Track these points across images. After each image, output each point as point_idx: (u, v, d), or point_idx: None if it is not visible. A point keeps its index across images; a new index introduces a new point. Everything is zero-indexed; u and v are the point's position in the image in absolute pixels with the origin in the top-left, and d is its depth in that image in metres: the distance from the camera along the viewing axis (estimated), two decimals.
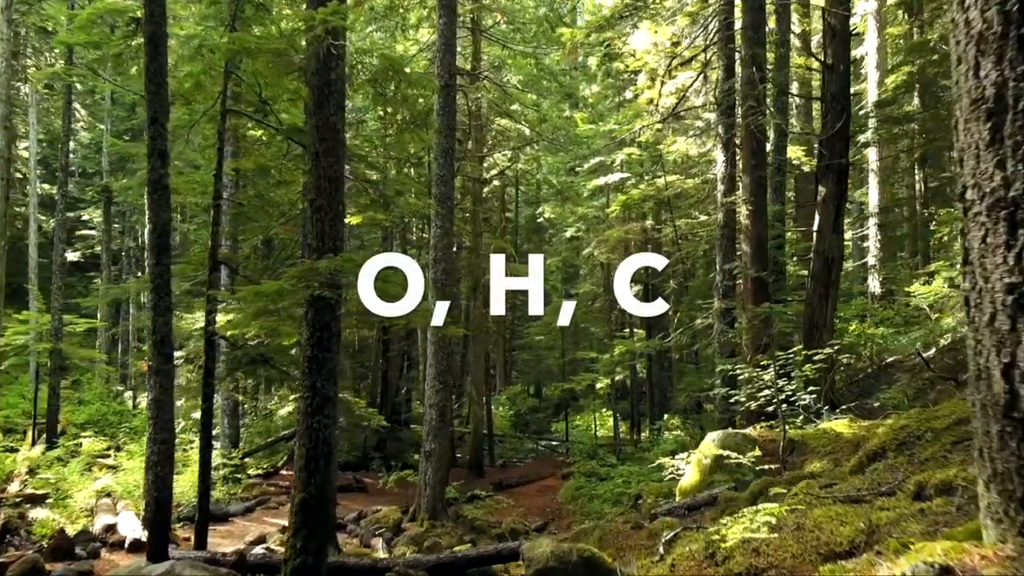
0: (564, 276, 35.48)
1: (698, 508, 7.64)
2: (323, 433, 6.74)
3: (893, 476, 4.67)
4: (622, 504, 15.63)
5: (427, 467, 14.06)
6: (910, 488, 3.64)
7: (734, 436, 8.43)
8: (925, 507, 3.25)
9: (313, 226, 6.89)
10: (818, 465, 7.35)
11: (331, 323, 6.84)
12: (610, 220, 24.15)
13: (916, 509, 3.26)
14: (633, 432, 26.90)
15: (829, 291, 12.01)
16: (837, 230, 12.12)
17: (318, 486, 6.64)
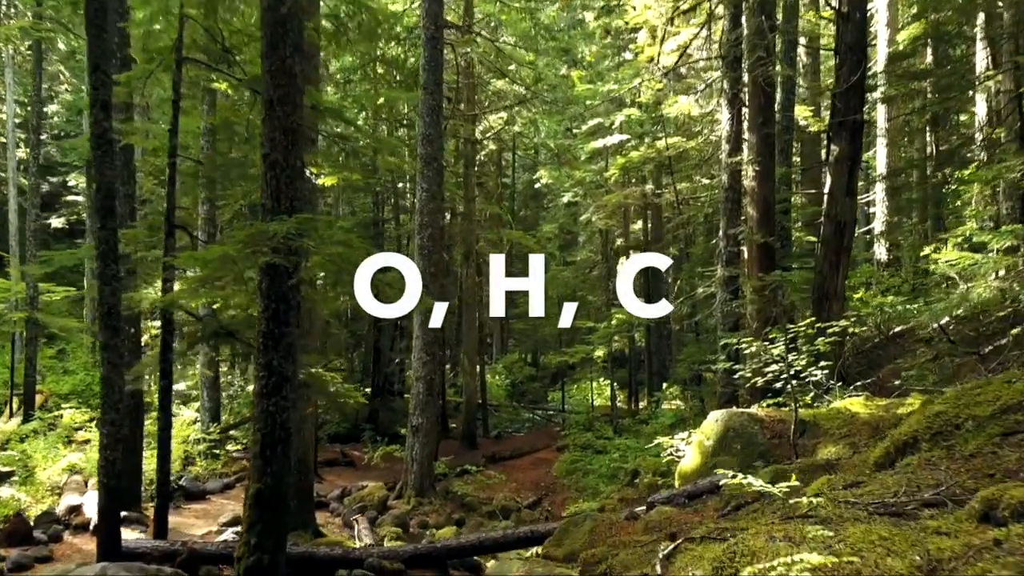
0: (562, 243, 34.63)
1: (699, 496, 6.95)
2: (280, 417, 6.01)
3: (933, 476, 3.93)
4: (618, 480, 15.03)
5: (414, 442, 13.42)
6: (976, 507, 2.90)
7: (739, 416, 7.72)
8: (1001, 536, 2.52)
9: (267, 184, 6.08)
10: (833, 450, 6.64)
11: (288, 294, 6.07)
12: (609, 185, 23.25)
13: (989, 539, 2.54)
14: (631, 402, 26.30)
15: (840, 258, 11.22)
16: (850, 192, 11.30)
17: (274, 476, 5.93)
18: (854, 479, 4.42)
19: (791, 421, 7.55)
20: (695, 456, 7.93)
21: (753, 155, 11.75)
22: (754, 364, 8.47)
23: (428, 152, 13.34)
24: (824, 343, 7.63)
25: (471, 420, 20.47)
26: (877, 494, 3.82)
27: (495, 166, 32.73)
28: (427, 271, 13.36)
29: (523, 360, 35.90)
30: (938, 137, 22.89)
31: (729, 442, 7.58)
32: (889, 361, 13.17)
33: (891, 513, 3.29)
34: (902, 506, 3.47)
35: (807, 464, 6.02)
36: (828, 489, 4.33)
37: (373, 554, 7.39)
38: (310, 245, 5.87)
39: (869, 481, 4.27)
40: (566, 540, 6.63)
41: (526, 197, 40.76)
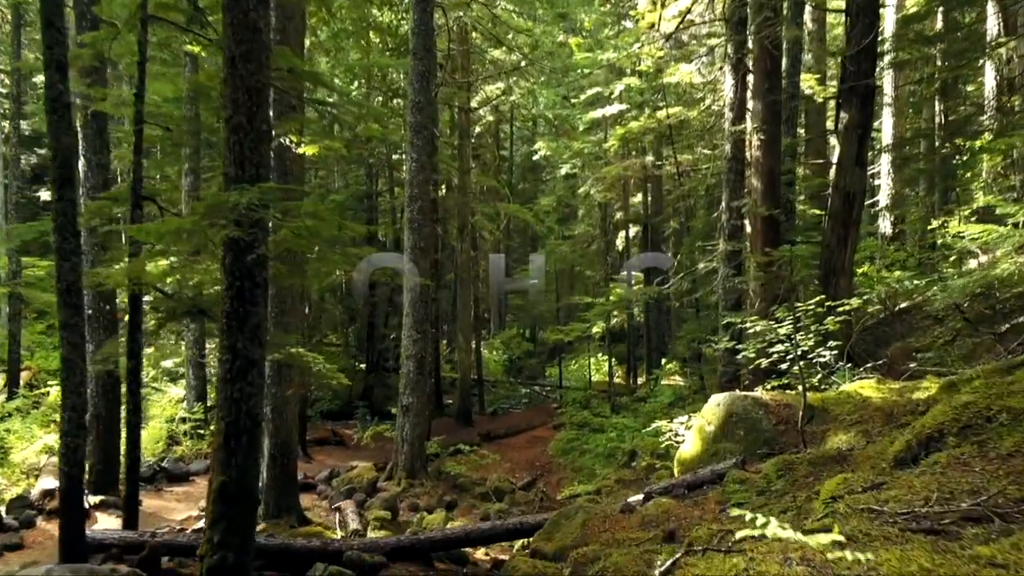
0: (560, 216, 33.99)
1: (700, 486, 6.51)
2: (246, 404, 5.54)
3: (968, 480, 3.46)
4: (615, 460, 14.65)
5: (405, 422, 13.00)
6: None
7: (742, 400, 7.25)
8: None
9: (230, 150, 5.55)
10: (844, 438, 6.18)
11: (254, 270, 5.56)
12: (608, 156, 22.62)
13: None
14: (629, 377, 25.92)
15: (849, 232, 10.69)
16: (860, 162, 10.73)
17: (240, 468, 5.47)
18: (874, 479, 3.94)
19: (798, 406, 7.08)
20: (695, 442, 7.48)
21: (758, 123, 11.17)
22: (758, 344, 8.00)
23: (418, 120, 12.74)
24: (833, 322, 7.14)
25: (466, 397, 20.07)
26: (905, 501, 3.34)
27: (492, 138, 32.04)
28: (417, 245, 12.85)
29: (521, 335, 35.47)
30: (947, 107, 22.23)
31: (732, 428, 7.13)
32: (897, 338, 12.70)
33: (927, 530, 2.81)
34: (938, 519, 2.99)
35: (817, 455, 5.56)
36: (846, 491, 3.86)
37: (353, 546, 6.97)
38: (276, 217, 5.35)
39: (892, 482, 3.79)
40: (557, 534, 6.20)
41: (524, 170, 40.05)
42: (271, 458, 9.94)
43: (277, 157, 9.91)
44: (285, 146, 9.60)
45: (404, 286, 12.96)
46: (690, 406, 15.26)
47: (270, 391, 10.03)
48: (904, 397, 6.65)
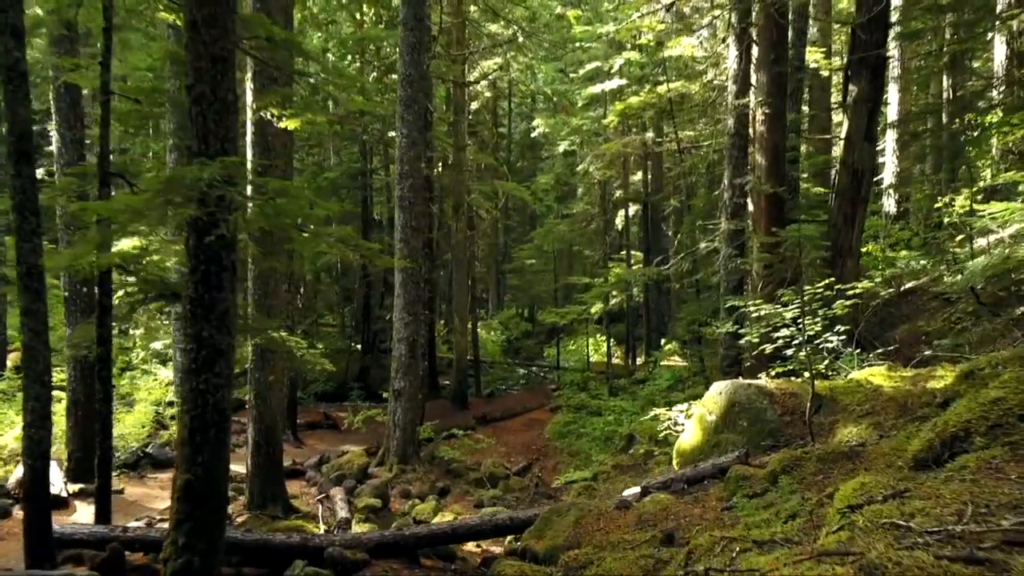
0: (559, 195, 33.46)
1: (701, 481, 6.14)
2: (213, 397, 5.14)
3: (1004, 489, 3.07)
4: (613, 445, 14.32)
5: (396, 407, 12.64)
6: None
7: (745, 388, 6.86)
8: None
9: (193, 122, 5.10)
10: (854, 431, 5.80)
11: (221, 253, 5.14)
12: (607, 133, 22.08)
13: None
14: (628, 358, 25.57)
15: (856, 210, 10.28)
16: (869, 137, 10.30)
17: (206, 466, 5.09)
18: (894, 484, 3.55)
19: (804, 395, 6.70)
20: (696, 432, 7.10)
21: (762, 96, 10.68)
22: (762, 328, 7.61)
23: (408, 94, 12.24)
24: (842, 306, 6.74)
25: (462, 380, 19.72)
26: (935, 516, 2.95)
27: (490, 114, 31.47)
28: (408, 224, 12.41)
29: (519, 315, 35.09)
30: (955, 82, 21.66)
31: (734, 418, 6.75)
32: (903, 320, 12.30)
33: (967, 559, 2.42)
34: (976, 540, 2.60)
35: (827, 451, 5.18)
36: (864, 499, 3.47)
37: (335, 542, 6.62)
38: (242, 195, 4.92)
39: (916, 489, 3.40)
40: (548, 531, 5.84)
41: (523, 147, 39.43)
42: (255, 445, 9.59)
43: (258, 132, 9.47)
44: (266, 120, 9.13)
45: (395, 267, 12.53)
46: (690, 389, 14.91)
47: (253, 376, 9.67)
48: (918, 386, 6.27)
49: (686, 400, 13.76)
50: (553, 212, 33.44)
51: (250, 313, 9.57)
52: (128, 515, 9.63)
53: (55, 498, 9.70)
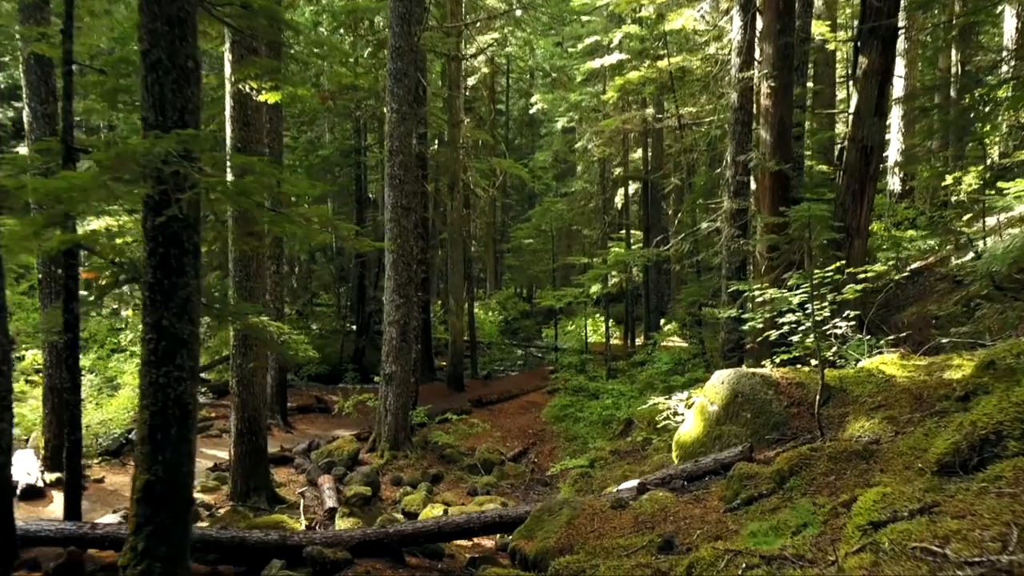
0: (557, 173, 32.94)
1: (702, 477, 5.77)
2: (175, 391, 4.75)
3: None
4: (611, 429, 13.99)
5: (388, 391, 12.28)
6: None
7: (749, 378, 6.47)
8: None
9: (148, 91, 4.66)
10: (866, 425, 5.42)
11: (181, 235, 4.72)
12: (606, 109, 21.54)
13: None
14: (627, 339, 25.22)
15: (865, 188, 9.84)
16: (879, 112, 9.82)
17: (168, 465, 4.71)
18: (921, 496, 3.16)
19: (811, 385, 6.32)
20: (696, 423, 6.72)
21: (768, 69, 10.18)
22: (766, 313, 7.20)
23: (398, 67, 11.74)
24: (853, 291, 6.32)
25: (457, 362, 19.35)
26: (974, 540, 2.56)
27: (488, 91, 30.81)
28: (399, 203, 11.97)
29: (518, 295, 34.69)
30: (964, 56, 21.09)
31: (737, 409, 6.37)
32: (909, 303, 11.91)
33: None
34: None
35: (839, 449, 4.79)
36: (888, 513, 3.08)
37: (315, 540, 6.26)
38: (201, 172, 4.49)
39: (947, 503, 3.01)
40: (539, 532, 5.48)
41: (521, 124, 38.82)
42: (238, 434, 9.23)
43: (238, 106, 8.99)
44: (246, 94, 8.67)
45: (385, 248, 12.11)
46: (689, 372, 14.55)
47: (235, 362, 9.30)
48: (934, 376, 5.88)
49: (686, 385, 13.42)
50: (552, 191, 32.93)
51: (231, 296, 9.17)
52: (107, 506, 9.29)
53: (30, 488, 9.40)
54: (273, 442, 13.40)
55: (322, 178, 25.33)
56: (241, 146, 8.88)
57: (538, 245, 28.67)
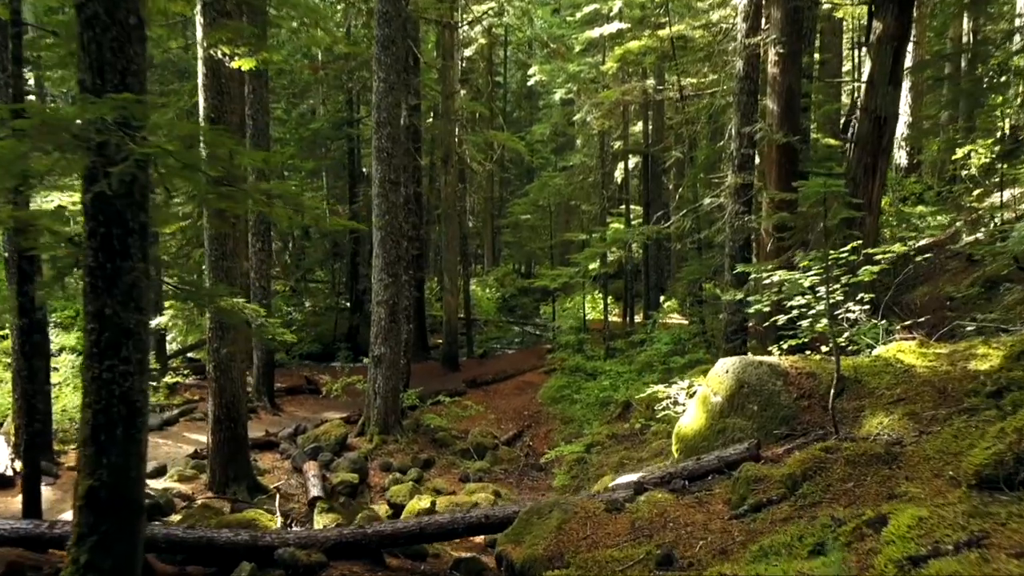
0: (556, 146, 32.24)
1: (705, 477, 5.32)
2: (120, 387, 4.28)
3: None
4: (608, 411, 13.57)
5: (376, 374, 11.83)
6: None
7: (755, 367, 6.00)
8: None
9: (83, 51, 4.12)
10: (885, 421, 4.95)
11: (126, 213, 4.22)
12: (605, 80, 20.86)
13: None
14: (625, 316, 24.78)
15: (878, 161, 9.30)
16: (894, 80, 9.25)
17: (114, 469, 4.26)
18: (964, 522, 2.69)
19: (823, 375, 5.85)
20: (699, 415, 6.26)
21: (776, 34, 9.58)
22: (773, 295, 6.70)
23: (386, 34, 11.12)
24: (870, 273, 5.83)
25: (452, 342, 18.92)
26: None
27: (485, 62, 30.03)
28: (387, 177, 11.42)
29: (516, 271, 34.15)
30: (976, 25, 20.39)
31: (743, 400, 5.90)
32: (920, 282, 11.41)
33: None
34: None
35: (857, 451, 4.33)
36: (927, 544, 2.61)
37: (288, 541, 5.84)
38: (145, 142, 3.97)
39: (997, 532, 2.55)
40: (527, 536, 5.04)
41: (520, 97, 38.03)
42: (216, 421, 8.78)
43: (211, 73, 8.41)
44: (218, 60, 8.10)
45: (373, 224, 11.59)
46: (690, 352, 14.09)
47: (212, 346, 8.82)
48: (957, 367, 5.41)
49: (686, 366, 12.97)
50: (551, 165, 32.25)
51: (206, 276, 8.67)
52: (72, 499, 8.86)
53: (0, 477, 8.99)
54: (259, 425, 13.00)
55: (315, 152, 24.72)
56: (215, 116, 8.33)
57: (536, 221, 28.09)
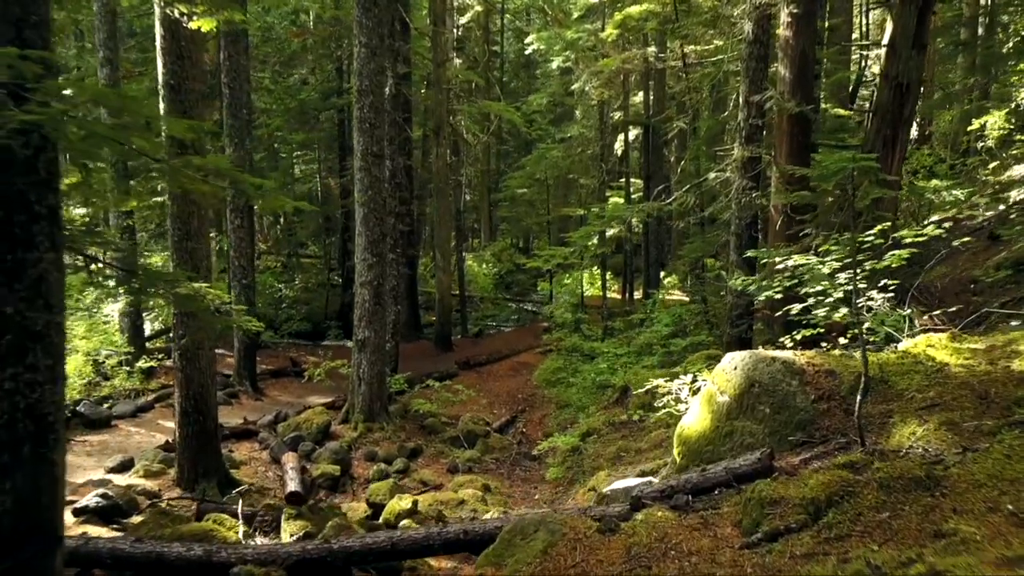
0: (553, 117, 31.32)
1: (711, 490, 4.71)
2: (26, 398, 3.62)
3: None
4: (605, 396, 12.99)
5: (361, 359, 11.22)
6: None
7: (767, 364, 5.36)
8: None
9: None
10: (918, 431, 4.32)
11: (30, 195, 3.54)
12: (605, 48, 19.98)
13: None
14: (624, 293, 24.17)
15: (898, 132, 8.58)
16: (919, 44, 8.49)
17: (20, 495, 3.60)
18: None
19: (843, 372, 5.21)
20: (703, 415, 5.64)
21: None
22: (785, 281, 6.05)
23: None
24: (898, 258, 5.17)
25: (445, 320, 18.30)
26: None
27: (481, 30, 29.08)
28: (369, 150, 10.70)
29: (514, 246, 33.42)
30: None
31: (753, 401, 5.27)
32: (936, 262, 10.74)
33: None
34: None
35: (891, 473, 3.70)
36: None
37: (246, 556, 5.25)
38: (44, 108, 3.28)
39: None
40: (510, 559, 4.44)
41: (517, 67, 37.02)
42: (183, 414, 8.18)
43: (169, 35, 7.67)
44: (175, 19, 7.36)
45: (355, 200, 10.90)
46: (692, 335, 13.48)
47: (177, 334, 8.18)
48: (998, 366, 4.76)
49: (687, 349, 12.35)
50: (550, 137, 31.39)
51: (169, 258, 8.01)
52: None
53: None
54: (240, 411, 12.43)
55: (307, 124, 23.86)
56: (175, 83, 7.61)
57: (533, 195, 27.32)
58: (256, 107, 21.55)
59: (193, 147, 7.67)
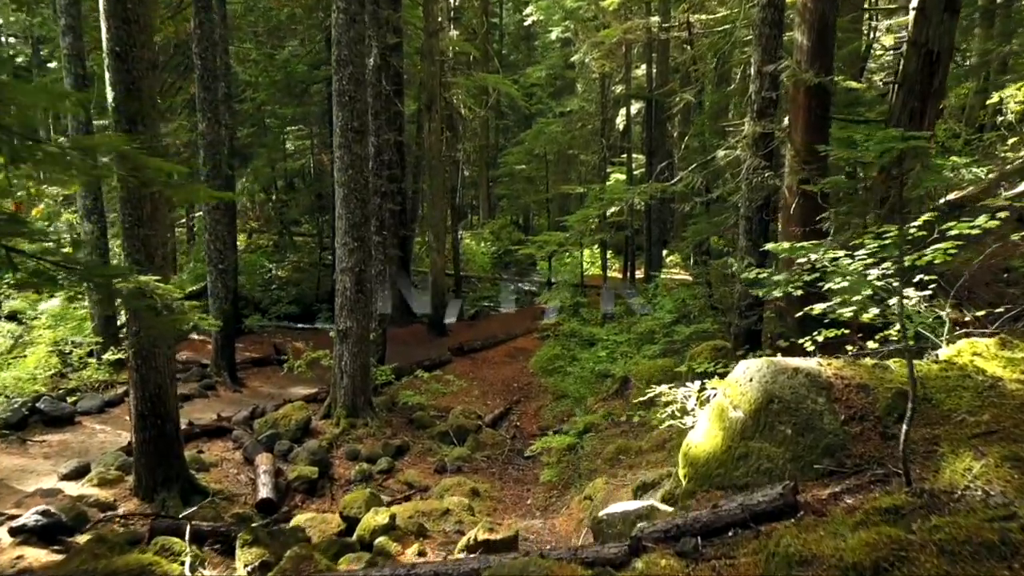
0: (553, 90, 30.30)
1: (724, 531, 3.98)
2: None
3: None
4: (605, 386, 12.28)
5: (343, 350, 10.51)
6: None
7: (789, 376, 4.61)
8: None
9: None
10: (975, 467, 3.58)
11: None
12: (606, 17, 19.01)
13: None
14: (626, 272, 23.40)
15: (927, 105, 7.75)
16: (951, 7, 7.64)
17: None
18: None
19: (880, 390, 4.47)
20: (714, 432, 4.91)
21: None
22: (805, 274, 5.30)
23: None
24: (942, 254, 4.42)
25: (439, 304, 17.56)
26: None
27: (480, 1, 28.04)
28: (350, 125, 9.89)
29: (514, 223, 32.54)
30: None
31: (772, 420, 4.54)
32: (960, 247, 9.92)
33: None
34: None
35: (954, 534, 2.96)
36: None
37: None
38: None
39: None
40: None
41: (517, 39, 35.90)
42: (139, 417, 7.47)
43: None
44: None
45: (335, 179, 10.10)
46: (696, 323, 12.72)
47: (131, 330, 7.44)
48: None
49: (691, 338, 11.60)
50: (551, 111, 30.38)
51: (120, 247, 7.25)
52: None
53: None
54: (217, 405, 11.74)
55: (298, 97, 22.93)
56: (120, 50, 6.79)
57: (532, 171, 26.40)
58: (241, 80, 20.65)
59: (143, 123, 6.90)
